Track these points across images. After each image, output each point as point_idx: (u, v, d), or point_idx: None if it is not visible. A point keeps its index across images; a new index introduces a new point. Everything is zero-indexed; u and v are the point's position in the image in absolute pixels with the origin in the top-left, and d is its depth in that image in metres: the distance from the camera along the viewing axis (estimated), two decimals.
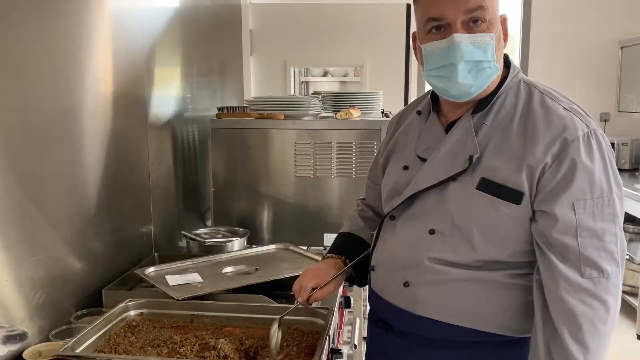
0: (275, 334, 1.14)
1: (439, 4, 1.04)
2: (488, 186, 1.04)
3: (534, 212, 1.04)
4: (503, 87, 1.10)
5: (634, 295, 3.46)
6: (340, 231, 1.37)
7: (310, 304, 1.23)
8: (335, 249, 1.32)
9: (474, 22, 1.03)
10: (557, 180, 1.01)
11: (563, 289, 1.00)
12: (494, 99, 1.10)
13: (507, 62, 1.14)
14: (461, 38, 1.02)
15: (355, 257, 1.27)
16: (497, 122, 1.08)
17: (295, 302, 1.21)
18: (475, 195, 1.05)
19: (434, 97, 1.20)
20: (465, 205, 1.06)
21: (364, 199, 1.43)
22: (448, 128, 1.14)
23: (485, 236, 1.05)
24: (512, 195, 1.03)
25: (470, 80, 1.05)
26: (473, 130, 1.08)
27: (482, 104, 1.09)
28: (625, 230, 4.78)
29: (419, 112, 1.23)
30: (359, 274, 1.28)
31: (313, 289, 1.20)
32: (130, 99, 1.76)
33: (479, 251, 1.06)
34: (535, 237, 1.04)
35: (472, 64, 1.04)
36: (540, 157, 1.01)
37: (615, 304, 1.01)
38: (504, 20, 1.09)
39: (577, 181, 1.00)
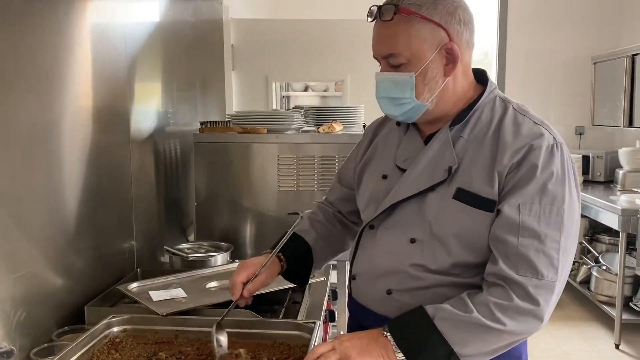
0: (214, 337, 1.16)
1: (373, 45, 1.16)
2: (464, 195, 1.10)
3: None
4: (479, 102, 1.15)
5: (612, 305, 3.52)
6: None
7: (248, 301, 1.26)
8: (273, 245, 1.36)
9: (391, 65, 1.13)
10: (514, 182, 1.06)
11: (498, 280, 1.04)
12: (471, 112, 1.15)
13: (484, 79, 1.20)
14: (379, 76, 1.16)
15: (291, 254, 1.32)
16: (473, 135, 1.14)
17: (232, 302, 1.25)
18: (452, 204, 1.10)
19: None
20: (442, 213, 1.11)
21: (321, 202, 1.47)
22: (427, 140, 1.19)
23: (461, 242, 1.10)
24: (486, 204, 1.08)
25: (395, 112, 1.16)
26: (451, 143, 1.14)
27: (459, 118, 1.15)
28: (600, 241, 4.84)
29: (398, 124, 1.28)
30: (296, 272, 1.34)
31: (245, 284, 1.24)
32: (112, 113, 1.75)
33: (454, 257, 1.10)
34: (489, 236, 1.08)
35: (390, 100, 1.14)
36: (507, 162, 1.07)
37: (545, 306, 1.02)
38: (449, 50, 1.10)
39: (530, 185, 1.05)
